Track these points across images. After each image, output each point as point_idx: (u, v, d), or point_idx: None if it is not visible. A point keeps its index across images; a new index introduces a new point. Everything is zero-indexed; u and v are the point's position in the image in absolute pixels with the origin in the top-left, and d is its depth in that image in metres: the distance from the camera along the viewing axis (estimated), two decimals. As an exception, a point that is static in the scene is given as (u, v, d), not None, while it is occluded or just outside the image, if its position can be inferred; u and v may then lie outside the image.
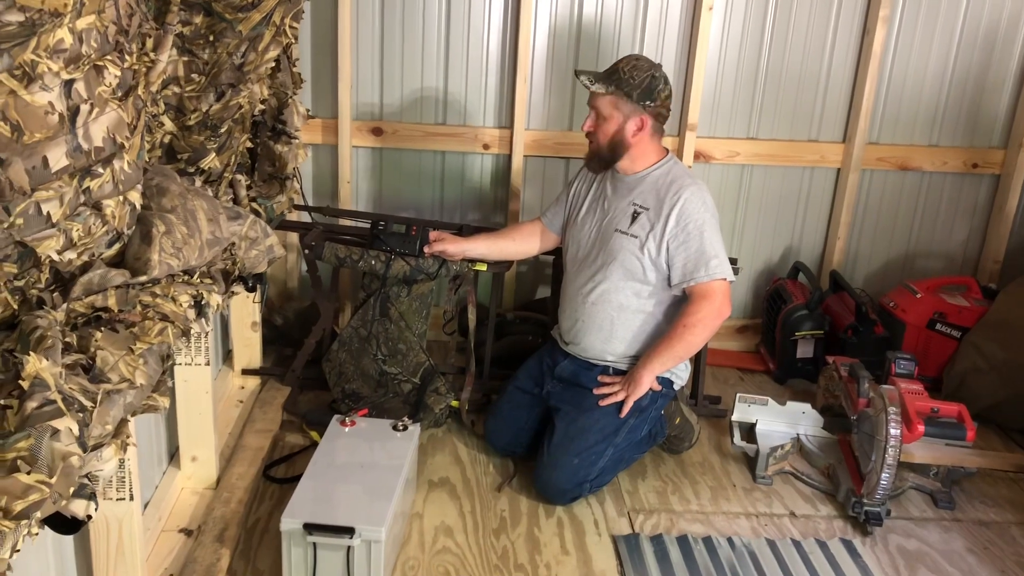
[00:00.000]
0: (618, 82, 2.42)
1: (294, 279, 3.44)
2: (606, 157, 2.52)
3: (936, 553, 2.36)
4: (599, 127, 2.49)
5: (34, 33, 1.08)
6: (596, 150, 2.53)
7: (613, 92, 2.42)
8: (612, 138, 2.48)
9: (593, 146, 2.54)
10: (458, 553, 2.23)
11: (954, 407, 2.65)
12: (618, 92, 2.42)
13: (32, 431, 1.03)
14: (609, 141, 2.48)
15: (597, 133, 2.50)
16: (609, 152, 2.51)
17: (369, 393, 2.81)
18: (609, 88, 2.42)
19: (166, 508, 2.23)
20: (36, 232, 1.19)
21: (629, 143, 2.49)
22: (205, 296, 1.63)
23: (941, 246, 3.59)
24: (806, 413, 2.77)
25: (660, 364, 2.48)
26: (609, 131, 2.47)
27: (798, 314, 3.23)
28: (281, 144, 2.42)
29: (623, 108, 2.44)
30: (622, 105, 2.44)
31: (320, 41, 3.16)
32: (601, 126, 2.48)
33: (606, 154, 2.51)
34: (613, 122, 2.46)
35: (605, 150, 2.51)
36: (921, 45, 3.31)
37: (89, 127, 1.26)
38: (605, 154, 2.51)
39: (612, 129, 2.47)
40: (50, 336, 1.15)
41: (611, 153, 2.51)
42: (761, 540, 2.35)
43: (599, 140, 2.50)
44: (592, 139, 2.53)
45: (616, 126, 2.46)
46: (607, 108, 2.45)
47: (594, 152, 2.54)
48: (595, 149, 2.53)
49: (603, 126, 2.48)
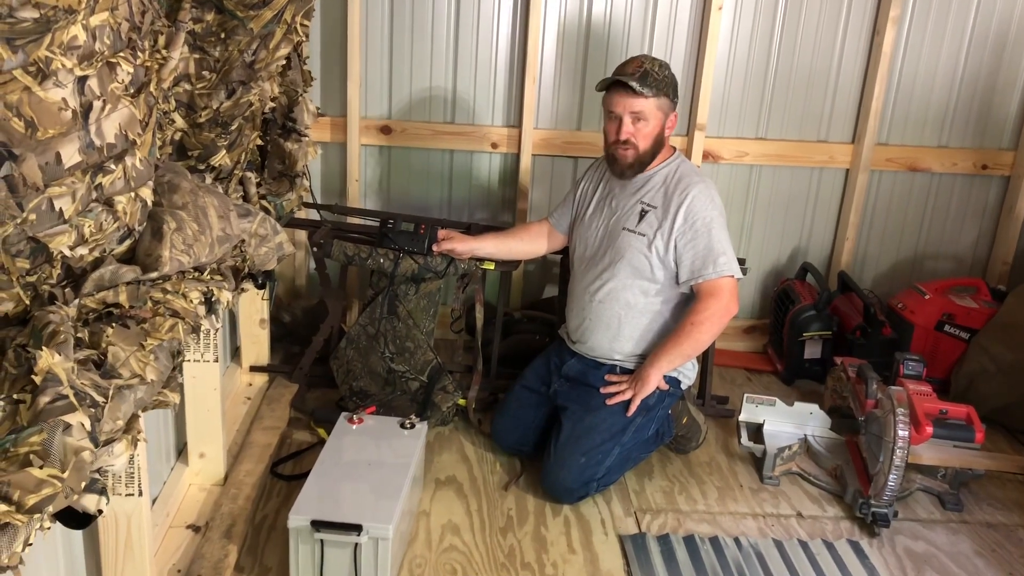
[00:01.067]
0: (656, 84, 2.40)
1: (303, 277, 3.44)
2: (647, 161, 2.50)
3: (943, 555, 2.35)
4: (639, 131, 2.44)
5: (48, 30, 1.09)
6: (637, 156, 2.47)
7: (656, 94, 2.41)
8: (655, 140, 2.47)
9: (631, 152, 2.46)
10: (465, 551, 2.23)
11: (963, 409, 2.65)
12: (660, 93, 2.41)
13: (44, 426, 1.04)
14: (652, 143, 2.47)
15: (637, 138, 2.45)
16: (651, 155, 2.49)
17: (377, 391, 2.81)
18: (653, 91, 2.40)
19: (174, 504, 2.24)
20: (48, 228, 1.20)
21: (665, 141, 2.51)
22: (215, 293, 1.64)
23: (950, 248, 3.58)
24: (814, 414, 2.77)
25: (668, 362, 2.48)
26: (652, 133, 2.45)
27: (806, 315, 3.22)
28: (291, 142, 2.42)
29: (664, 107, 2.45)
30: (663, 105, 2.44)
31: (330, 39, 3.17)
32: (642, 130, 2.44)
33: (647, 157, 2.49)
34: (656, 123, 2.45)
35: (647, 154, 2.48)
36: (931, 45, 3.30)
37: (102, 123, 1.26)
38: (647, 158, 2.49)
39: (655, 131, 2.45)
40: (62, 331, 1.16)
41: (652, 156, 2.50)
42: (768, 541, 2.35)
43: (640, 144, 2.45)
44: (630, 146, 2.45)
45: (659, 127, 2.46)
46: (651, 110, 2.42)
47: (635, 159, 2.47)
48: (634, 155, 2.47)
49: (644, 130, 2.44)
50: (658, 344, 2.52)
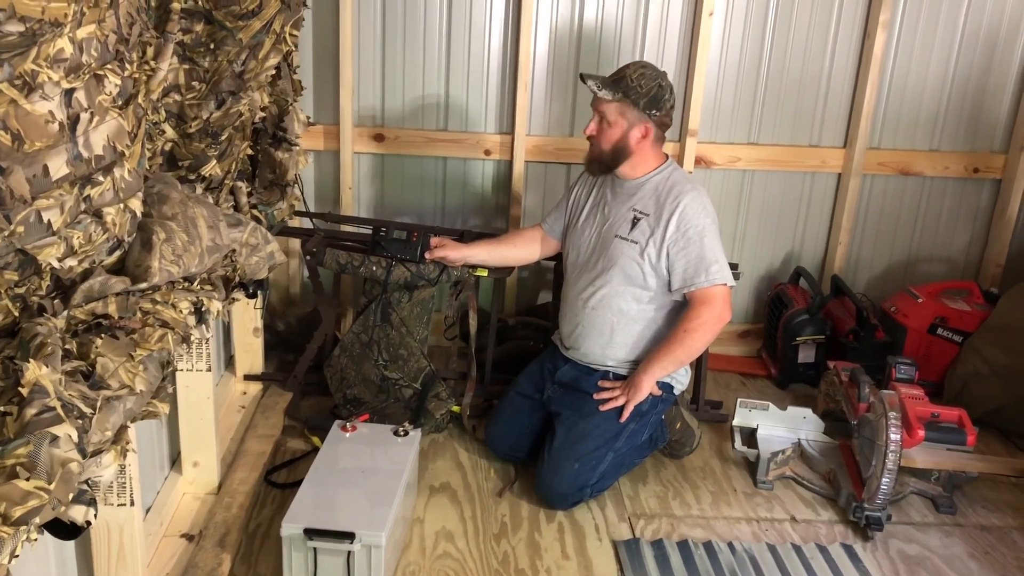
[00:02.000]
0: (625, 89, 2.41)
1: (296, 285, 3.45)
2: (607, 162, 2.52)
3: (937, 558, 2.35)
4: (602, 132, 2.48)
5: (34, 43, 1.09)
6: (598, 154, 2.52)
7: (620, 99, 2.42)
8: (615, 144, 2.48)
9: (595, 150, 2.52)
10: (459, 558, 2.23)
11: (955, 412, 2.65)
12: (625, 99, 2.42)
13: (31, 437, 1.04)
14: (612, 147, 2.48)
15: (600, 138, 2.49)
16: (611, 158, 2.51)
17: (370, 398, 2.81)
18: (616, 95, 2.42)
19: (168, 513, 2.24)
20: (37, 240, 1.20)
21: (632, 150, 2.49)
22: (205, 303, 1.64)
23: (942, 251, 3.59)
24: (807, 418, 2.78)
25: (661, 368, 2.48)
26: (613, 137, 2.47)
27: (799, 319, 3.23)
28: (282, 151, 2.43)
29: (629, 115, 2.44)
30: (628, 112, 2.44)
31: (322, 48, 3.17)
32: (605, 131, 2.48)
33: (608, 159, 2.51)
34: (618, 128, 2.46)
35: (607, 155, 2.50)
36: (921, 49, 3.31)
37: (89, 136, 1.27)
38: (607, 159, 2.51)
39: (616, 135, 2.47)
40: (50, 343, 1.16)
41: (613, 159, 2.51)
42: (762, 545, 2.35)
43: (601, 145, 2.50)
44: (594, 143, 2.52)
45: (620, 132, 2.46)
46: (612, 114, 2.45)
47: (595, 156, 2.53)
48: (596, 153, 2.52)
49: (607, 131, 2.47)
50: (652, 350, 2.52)
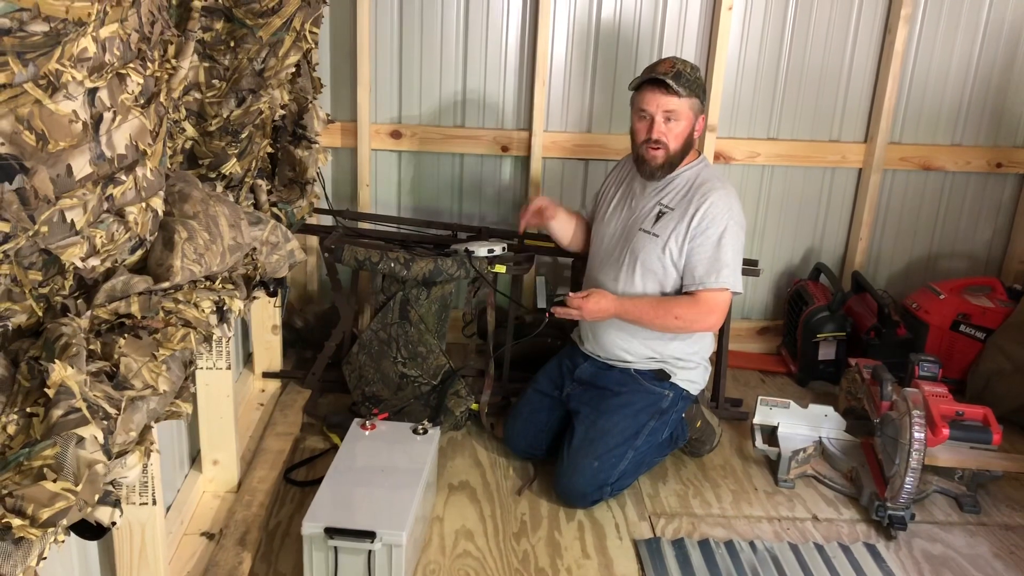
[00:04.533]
0: (689, 84, 2.39)
1: (314, 282, 3.45)
2: (676, 162, 2.48)
3: (962, 558, 2.33)
4: (671, 131, 2.43)
5: (58, 43, 1.09)
6: (667, 157, 2.45)
7: (688, 95, 2.40)
8: (685, 140, 2.46)
9: (661, 152, 2.44)
10: (479, 557, 2.23)
11: (979, 410, 2.62)
12: (692, 94, 2.40)
13: (58, 439, 1.04)
14: (683, 144, 2.46)
15: (668, 138, 2.43)
16: (680, 156, 2.48)
17: (389, 396, 2.81)
18: (687, 91, 2.39)
19: (188, 512, 2.24)
20: (60, 240, 1.20)
21: (695, 143, 2.50)
22: (227, 301, 1.64)
23: (965, 247, 3.56)
24: (828, 416, 2.76)
25: (626, 315, 2.46)
26: (684, 133, 2.44)
27: (820, 316, 3.20)
28: (301, 149, 2.43)
29: (696, 109, 2.44)
30: (695, 106, 2.43)
31: (340, 45, 3.17)
32: (673, 130, 2.42)
33: (677, 158, 2.48)
34: (687, 123, 2.44)
35: (677, 155, 2.47)
36: (943, 43, 3.28)
37: (112, 135, 1.26)
38: (676, 159, 2.48)
39: (686, 131, 2.44)
40: (74, 344, 1.16)
41: (681, 157, 2.48)
42: (783, 544, 2.34)
43: (672, 144, 2.44)
44: (660, 146, 2.44)
45: (688, 127, 2.45)
46: (684, 110, 2.41)
47: (666, 159, 2.46)
48: (666, 155, 2.45)
49: (675, 129, 2.42)
50: (637, 297, 2.49)
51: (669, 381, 2.54)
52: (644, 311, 2.46)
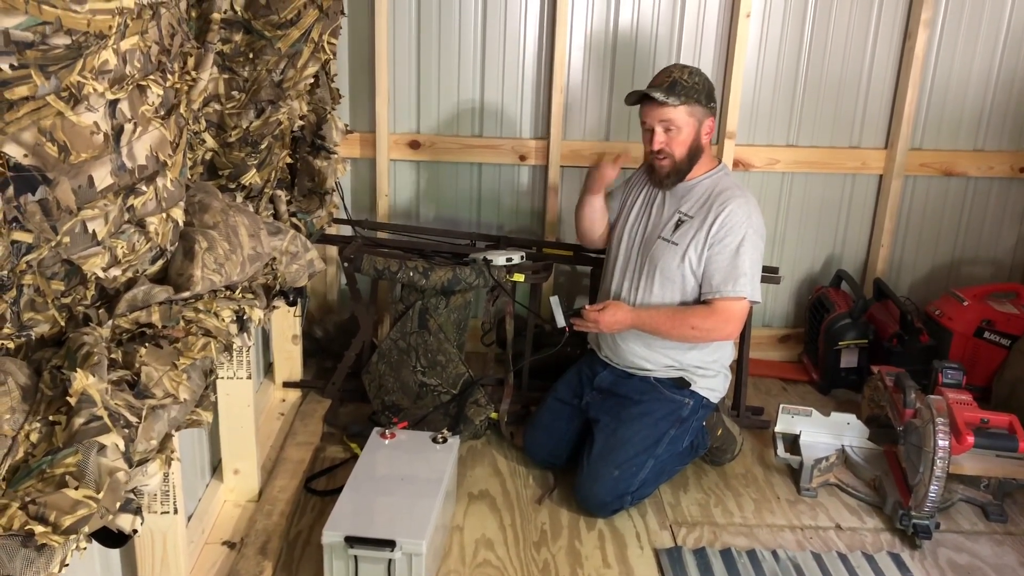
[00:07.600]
0: (686, 91, 2.39)
1: (334, 292, 3.46)
2: (684, 169, 2.48)
3: (988, 568, 2.30)
4: (672, 141, 2.43)
5: (80, 55, 1.10)
6: (674, 165, 2.46)
7: (684, 102, 2.39)
8: (690, 147, 2.45)
9: (667, 162, 2.46)
10: (499, 566, 2.22)
11: (1005, 417, 2.59)
12: (689, 100, 2.40)
13: (80, 447, 1.05)
14: (688, 151, 2.45)
15: (672, 147, 2.44)
16: (688, 162, 2.47)
17: (409, 405, 2.81)
18: (682, 99, 2.39)
19: (209, 521, 2.25)
20: (82, 250, 1.21)
21: (704, 147, 2.49)
22: (247, 311, 1.65)
23: (988, 252, 3.52)
24: (851, 424, 2.73)
25: (643, 327, 2.48)
26: (687, 141, 2.44)
27: (841, 323, 3.18)
28: (320, 159, 2.44)
29: (697, 114, 2.43)
30: (695, 111, 2.42)
31: (358, 56, 3.19)
32: (675, 139, 2.43)
33: (684, 166, 2.47)
34: (689, 130, 2.43)
35: (684, 162, 2.46)
36: (964, 48, 3.25)
37: (133, 146, 1.28)
38: (683, 166, 2.47)
39: (690, 138, 2.44)
40: (96, 353, 1.17)
41: (689, 163, 2.48)
42: (806, 553, 2.31)
43: (676, 154, 2.44)
44: (664, 155, 2.45)
45: (692, 133, 2.44)
46: (683, 118, 2.41)
47: (671, 169, 2.47)
48: (670, 165, 2.46)
49: (677, 138, 2.42)
50: (653, 308, 2.49)
51: (689, 389, 2.53)
52: (660, 322, 2.45)
